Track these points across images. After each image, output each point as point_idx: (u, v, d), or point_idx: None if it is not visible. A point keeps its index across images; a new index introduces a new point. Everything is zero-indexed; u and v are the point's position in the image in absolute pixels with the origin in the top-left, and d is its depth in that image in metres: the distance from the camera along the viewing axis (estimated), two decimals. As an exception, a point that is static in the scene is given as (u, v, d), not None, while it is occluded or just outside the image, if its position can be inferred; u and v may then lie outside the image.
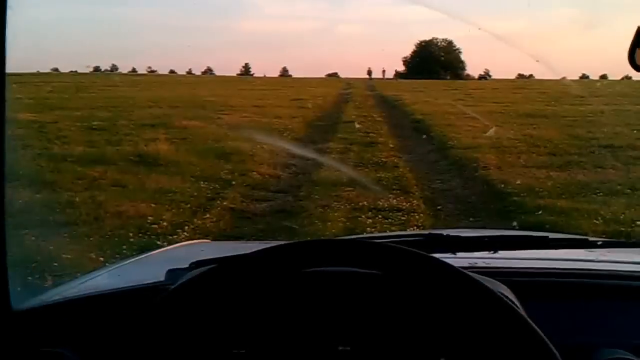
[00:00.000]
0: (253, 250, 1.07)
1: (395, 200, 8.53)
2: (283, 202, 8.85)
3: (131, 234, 6.81)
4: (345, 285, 1.12)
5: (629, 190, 8.64)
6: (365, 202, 8.37)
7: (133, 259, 2.10)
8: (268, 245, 1.06)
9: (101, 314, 1.29)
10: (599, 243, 1.63)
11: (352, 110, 24.31)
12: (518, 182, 9.45)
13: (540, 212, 7.40)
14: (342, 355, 1.09)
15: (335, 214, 7.93)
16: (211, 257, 1.22)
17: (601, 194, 8.59)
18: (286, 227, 7.31)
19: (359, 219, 7.60)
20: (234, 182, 9.97)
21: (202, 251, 1.74)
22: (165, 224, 7.35)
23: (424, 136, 16.21)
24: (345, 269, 1.06)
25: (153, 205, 8.26)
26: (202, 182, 9.89)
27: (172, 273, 1.30)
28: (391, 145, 14.44)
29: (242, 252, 1.08)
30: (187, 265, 1.27)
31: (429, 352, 1.08)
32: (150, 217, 7.56)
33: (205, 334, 1.08)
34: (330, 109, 25.10)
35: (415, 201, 8.65)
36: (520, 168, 10.89)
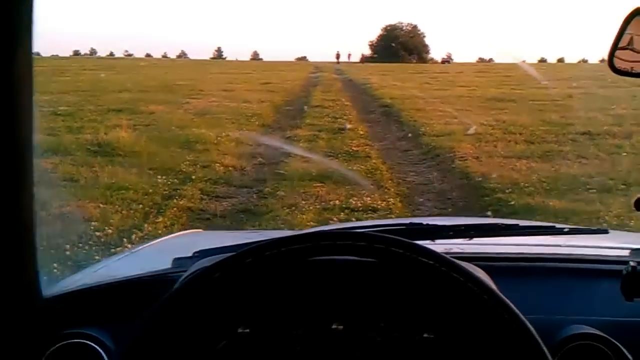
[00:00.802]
0: (247, 240, 1.20)
1: (369, 198, 7.37)
2: (247, 200, 7.72)
3: (68, 246, 5.54)
4: (340, 271, 1.15)
5: (623, 186, 7.59)
6: (336, 201, 7.24)
7: (138, 248, 2.31)
8: (261, 236, 1.26)
9: (121, 299, 1.38)
10: (565, 230, 1.70)
11: (321, 94, 22.95)
12: (499, 175, 8.36)
13: (534, 216, 6.23)
14: (335, 333, 1.13)
15: (304, 215, 6.79)
16: (210, 247, 1.39)
17: (594, 190, 7.54)
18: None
19: (330, 221, 6.43)
20: (194, 177, 8.73)
21: (198, 241, 1.79)
22: (110, 230, 6.14)
23: (394, 121, 15.06)
24: (340, 258, 1.09)
25: (102, 205, 7.06)
26: (160, 176, 8.65)
27: (179, 261, 1.43)
28: (361, 132, 13.25)
29: (240, 243, 1.22)
30: (190, 254, 1.40)
31: (414, 328, 1.12)
32: (94, 223, 6.34)
33: (215, 315, 1.12)
34: (299, 93, 23.76)
35: (391, 199, 7.52)
36: (499, 158, 9.80)
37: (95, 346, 1.28)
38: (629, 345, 1.22)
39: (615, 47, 1.34)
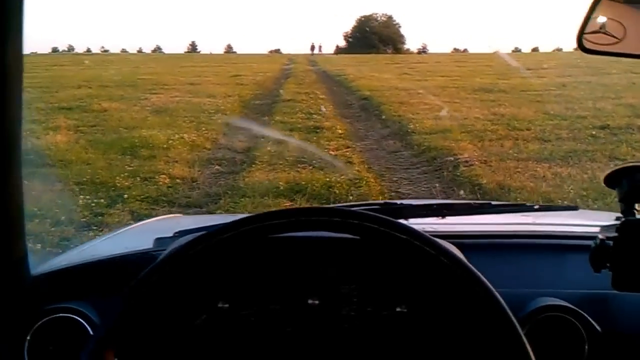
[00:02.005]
0: (226, 221, 1.11)
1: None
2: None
3: None
4: (315, 248, 1.19)
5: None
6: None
7: (121, 230, 2.30)
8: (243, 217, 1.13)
9: (106, 276, 1.39)
10: (535, 207, 1.67)
11: (294, 86, 20.77)
12: (521, 186, 6.38)
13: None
14: (311, 308, 1.16)
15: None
16: (189, 227, 1.38)
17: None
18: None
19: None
20: (127, 195, 6.64)
21: (179, 223, 1.87)
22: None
23: (376, 117, 13.02)
24: (314, 234, 1.10)
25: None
26: (84, 196, 6.56)
27: (160, 241, 1.43)
28: (340, 131, 11.15)
29: (219, 223, 1.13)
30: (171, 235, 1.41)
31: (387, 302, 1.15)
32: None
33: (195, 290, 1.15)
34: (270, 86, 21.59)
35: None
36: (513, 162, 7.81)
37: (81, 320, 1.28)
38: (597, 317, 1.24)
39: (583, 28, 1.29)
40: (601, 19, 1.31)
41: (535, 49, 61.43)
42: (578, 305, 1.26)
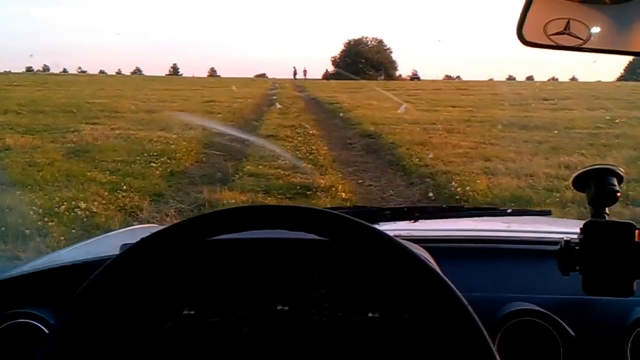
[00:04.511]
0: None
1: None
2: None
3: None
4: (285, 252, 1.13)
5: None
6: None
7: (90, 240, 2.14)
8: None
9: (68, 281, 1.25)
10: (508, 211, 1.65)
11: (277, 117, 16.51)
12: None
13: None
14: (280, 314, 1.10)
15: None
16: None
17: None
18: None
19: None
20: None
21: (151, 232, 1.40)
22: None
23: (392, 167, 8.79)
24: (282, 236, 1.05)
25: None
26: None
27: (125, 246, 1.20)
28: (343, 195, 6.81)
29: None
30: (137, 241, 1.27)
31: (358, 308, 1.10)
32: None
33: (159, 296, 1.09)
34: (248, 116, 17.29)
35: None
36: None
37: (40, 325, 1.22)
38: (571, 321, 1.19)
39: (523, 19, 1.19)
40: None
41: (529, 78, 58.46)
42: (551, 309, 1.19)
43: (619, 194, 1.20)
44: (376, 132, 12.44)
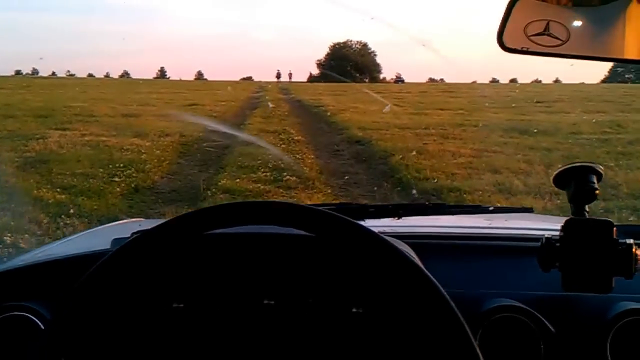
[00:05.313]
0: None
1: None
2: None
3: None
4: (271, 248, 1.12)
5: None
6: None
7: (82, 233, 2.16)
8: None
9: (61, 275, 1.27)
10: (490, 209, 1.66)
11: (260, 121, 15.51)
12: None
13: None
14: (267, 308, 1.10)
15: None
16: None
17: None
18: None
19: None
20: None
21: (140, 226, 1.63)
22: None
23: (386, 180, 7.83)
24: (269, 231, 1.06)
25: None
26: None
27: (117, 241, 1.30)
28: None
29: None
30: (129, 235, 1.22)
31: (343, 303, 1.09)
32: None
33: (149, 290, 1.09)
34: (230, 119, 16.33)
35: None
36: None
37: (34, 318, 1.19)
38: (551, 318, 1.18)
39: (504, 25, 1.22)
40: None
41: (513, 80, 57.99)
42: (532, 306, 1.18)
43: (597, 192, 1.19)
44: (365, 137, 11.51)
